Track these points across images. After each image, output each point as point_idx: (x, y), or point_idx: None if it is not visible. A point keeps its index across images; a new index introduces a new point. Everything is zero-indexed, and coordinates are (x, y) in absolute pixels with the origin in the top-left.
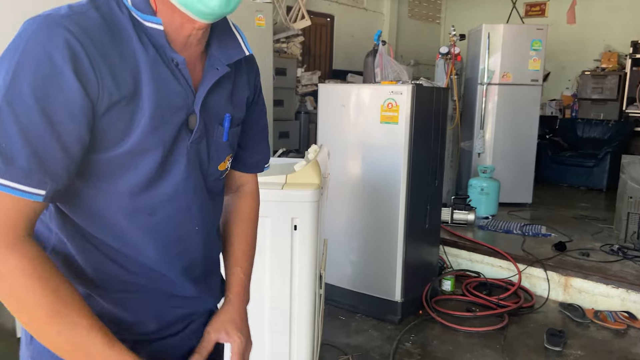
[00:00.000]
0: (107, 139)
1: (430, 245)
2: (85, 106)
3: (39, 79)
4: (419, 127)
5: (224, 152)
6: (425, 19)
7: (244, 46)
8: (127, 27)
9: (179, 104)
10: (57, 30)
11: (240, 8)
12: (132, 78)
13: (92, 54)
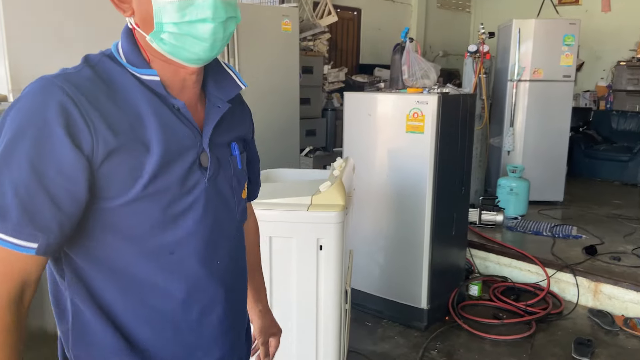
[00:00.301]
0: (113, 187)
1: (456, 251)
2: (78, 163)
3: (32, 140)
4: (445, 136)
5: (243, 179)
6: (455, 9)
7: (238, 81)
8: (126, 79)
9: (187, 145)
10: (50, 91)
11: (267, 13)
12: (134, 125)
13: (83, 107)
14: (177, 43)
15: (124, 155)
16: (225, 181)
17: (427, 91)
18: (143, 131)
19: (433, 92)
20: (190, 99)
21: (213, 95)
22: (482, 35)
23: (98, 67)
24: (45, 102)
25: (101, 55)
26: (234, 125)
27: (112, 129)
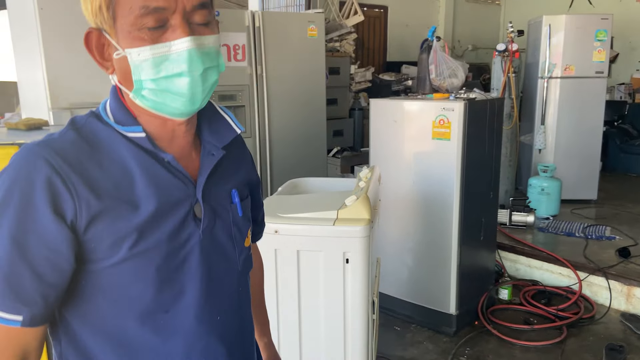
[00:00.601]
0: (101, 250)
1: (486, 254)
2: (61, 236)
3: (15, 214)
4: (472, 142)
5: (245, 227)
6: (484, 1)
7: (234, 125)
8: (112, 138)
9: (179, 198)
10: (33, 163)
11: (293, 19)
12: (120, 184)
13: (66, 174)
14: (158, 99)
15: (109, 217)
16: (223, 231)
17: (454, 96)
18: (131, 190)
19: (459, 97)
20: (182, 149)
21: (208, 142)
22: (510, 33)
23: (84, 129)
24: (28, 175)
25: (88, 116)
26: (233, 171)
27: (95, 192)
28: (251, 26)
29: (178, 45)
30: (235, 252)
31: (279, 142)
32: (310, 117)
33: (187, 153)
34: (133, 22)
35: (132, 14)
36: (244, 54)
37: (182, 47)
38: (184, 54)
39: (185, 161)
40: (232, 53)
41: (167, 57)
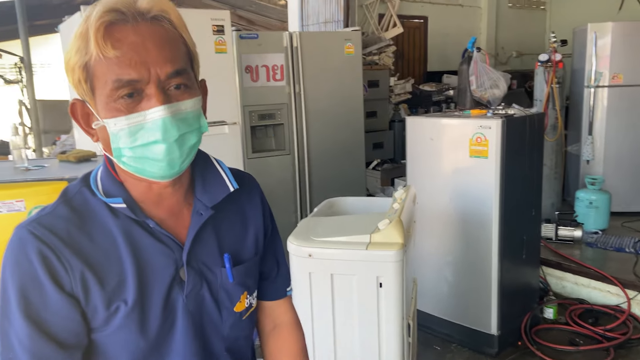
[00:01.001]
0: (97, 319)
1: (529, 272)
2: (66, 302)
3: (22, 292)
4: (511, 159)
5: (236, 292)
6: (528, 7)
7: (228, 182)
8: (100, 208)
9: (163, 262)
10: (27, 243)
11: (330, 38)
12: (109, 255)
13: (58, 249)
14: (137, 165)
15: (101, 289)
16: (209, 294)
17: (491, 113)
18: (118, 261)
19: (497, 114)
20: (170, 209)
21: (198, 201)
22: (553, 43)
23: (74, 200)
24: (25, 255)
25: (80, 186)
26: (228, 231)
27: (87, 264)
28: (289, 46)
29: (152, 114)
30: (221, 318)
31: (318, 157)
32: (349, 132)
33: (177, 213)
34: (109, 94)
35: (107, 87)
36: (282, 74)
37: (155, 115)
38: (158, 122)
39: (174, 221)
40: (270, 73)
41: (142, 126)
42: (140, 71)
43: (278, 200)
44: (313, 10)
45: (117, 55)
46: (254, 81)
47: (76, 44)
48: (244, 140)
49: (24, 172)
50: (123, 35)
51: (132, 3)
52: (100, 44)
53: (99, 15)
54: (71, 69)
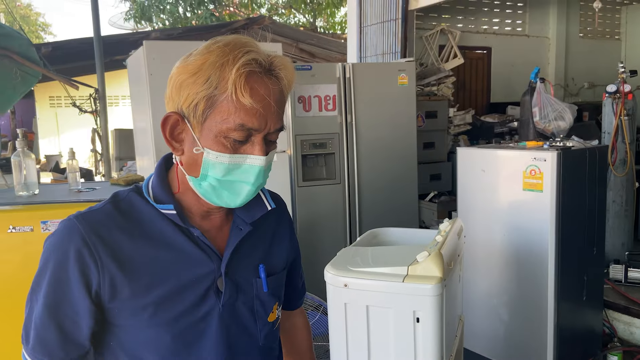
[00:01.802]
0: (123, 316)
1: (590, 315)
2: (85, 302)
3: (51, 281)
4: (569, 194)
5: (269, 302)
6: (601, 37)
7: (266, 202)
8: (149, 211)
9: (203, 272)
10: (69, 235)
11: (383, 69)
12: (147, 256)
13: (94, 245)
14: (213, 192)
15: (131, 289)
16: (245, 305)
17: (548, 145)
18: (154, 263)
19: (554, 146)
20: (214, 223)
21: (238, 217)
22: (622, 74)
23: (122, 203)
24: (62, 246)
25: (129, 191)
26: (263, 246)
27: (120, 264)
28: (342, 77)
29: (253, 160)
30: (257, 327)
31: (369, 188)
32: (402, 163)
33: (219, 226)
34: (224, 130)
35: (226, 124)
36: (334, 104)
37: (256, 162)
38: (255, 169)
39: (215, 234)
40: (322, 103)
41: (239, 166)
42: (261, 123)
43: (327, 229)
44: (371, 42)
45: (251, 105)
46: (307, 111)
47: (206, 73)
48: (295, 169)
49: (77, 194)
50: (258, 87)
51: (267, 57)
52: (239, 90)
53: (245, 62)
54: (190, 92)
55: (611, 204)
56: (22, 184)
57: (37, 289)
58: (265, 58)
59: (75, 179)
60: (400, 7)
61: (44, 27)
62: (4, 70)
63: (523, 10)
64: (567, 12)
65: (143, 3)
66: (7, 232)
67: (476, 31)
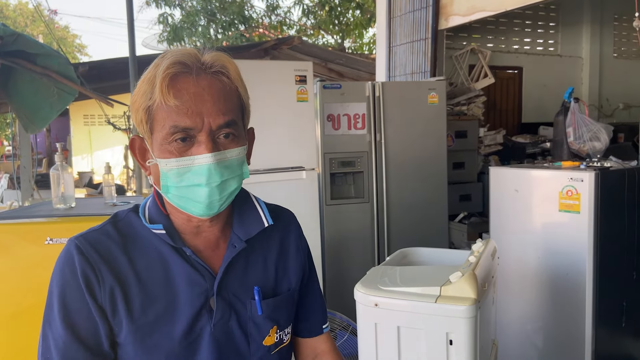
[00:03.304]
0: (121, 335)
1: (630, 343)
2: (97, 310)
3: (62, 299)
4: (608, 216)
5: (265, 326)
6: (636, 57)
7: (264, 217)
8: (145, 232)
9: (194, 290)
10: (71, 256)
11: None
12: (141, 275)
13: (95, 262)
14: (181, 202)
15: (126, 305)
16: (238, 327)
17: (585, 165)
18: (150, 283)
19: (591, 166)
20: (208, 241)
21: (234, 234)
22: None
23: (122, 223)
24: (69, 265)
25: (128, 211)
26: (260, 265)
27: (119, 280)
28: (371, 96)
29: (199, 159)
30: (249, 350)
31: (398, 207)
32: (431, 182)
33: (214, 244)
34: (165, 136)
35: (164, 130)
36: (363, 123)
37: (202, 161)
38: (204, 167)
39: (210, 253)
40: (352, 122)
41: (189, 169)
42: (195, 120)
43: (355, 248)
44: (400, 61)
45: (177, 104)
46: (336, 129)
47: (142, 88)
48: (324, 187)
49: (111, 207)
50: (185, 86)
51: (196, 57)
52: (164, 93)
53: (166, 66)
54: (135, 110)
55: None
56: (60, 196)
57: (50, 314)
58: (192, 59)
59: (111, 192)
60: (430, 27)
61: (80, 49)
62: (43, 88)
63: (555, 29)
64: (601, 31)
65: (175, 25)
66: (45, 244)
67: (507, 51)
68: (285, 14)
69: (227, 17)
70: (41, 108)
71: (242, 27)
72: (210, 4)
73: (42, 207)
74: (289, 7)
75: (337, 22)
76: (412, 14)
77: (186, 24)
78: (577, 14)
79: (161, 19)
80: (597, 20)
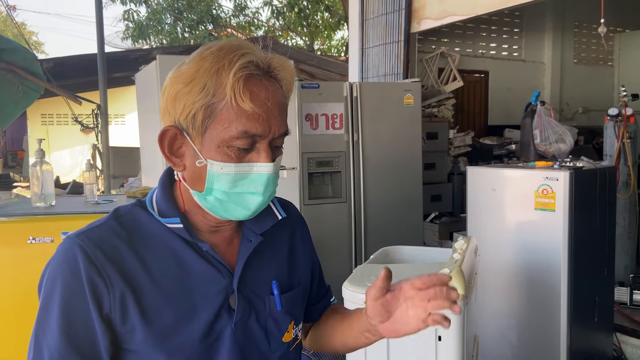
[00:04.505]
0: (135, 342)
1: (601, 338)
2: (99, 323)
3: (60, 305)
4: (581, 214)
5: (284, 321)
6: (595, 63)
7: (276, 211)
8: (154, 226)
9: (215, 289)
10: (71, 253)
11: (389, 89)
12: (153, 273)
13: (100, 263)
14: (220, 206)
15: (139, 308)
16: (257, 324)
17: (558, 165)
18: (164, 282)
19: (564, 166)
20: (224, 237)
21: (247, 228)
22: (623, 97)
23: (125, 217)
24: (69, 267)
25: (132, 206)
26: (276, 258)
27: (129, 282)
28: (349, 96)
29: (260, 168)
30: (270, 348)
31: (375, 206)
32: (407, 182)
33: (229, 240)
34: (227, 139)
35: (228, 133)
36: (341, 123)
37: (263, 170)
38: (264, 177)
39: (224, 248)
40: (330, 122)
41: (246, 176)
42: (265, 128)
43: (333, 247)
44: (373, 63)
45: (253, 109)
46: (314, 129)
47: (202, 81)
48: (301, 187)
49: (94, 206)
50: (258, 90)
51: (265, 59)
52: (239, 95)
53: (242, 65)
54: (186, 102)
55: (614, 224)
56: (39, 195)
57: (45, 321)
58: (262, 59)
59: (93, 190)
60: (403, 30)
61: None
62: (7, 84)
63: (519, 35)
64: (562, 38)
65: (141, 22)
66: (27, 243)
67: (474, 55)
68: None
69: (195, 15)
70: (5, 105)
71: (210, 26)
72: (177, 2)
73: (20, 206)
74: (258, 8)
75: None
76: (384, 16)
77: (152, 22)
78: (540, 20)
79: (126, 16)
80: (558, 27)
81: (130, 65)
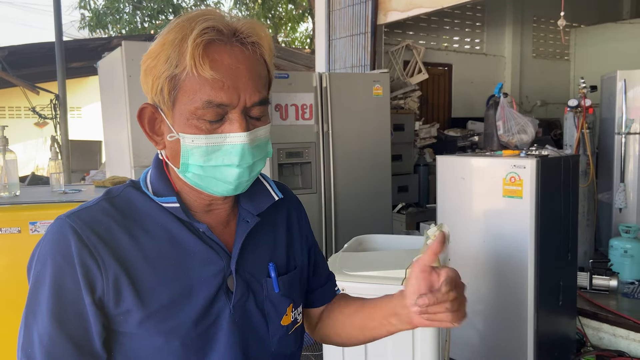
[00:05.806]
0: (129, 324)
1: (565, 321)
2: (91, 308)
3: (50, 290)
4: (547, 200)
5: (281, 304)
6: (552, 57)
7: (272, 192)
8: (149, 206)
9: (212, 270)
10: (62, 235)
11: (359, 80)
12: (148, 254)
13: (93, 245)
14: (202, 182)
15: (134, 291)
16: (255, 307)
17: (525, 153)
18: (159, 263)
19: (531, 154)
20: (219, 217)
21: (243, 209)
22: (583, 89)
23: (118, 198)
24: (59, 249)
25: (125, 187)
26: (272, 240)
27: (122, 264)
28: (319, 87)
29: (233, 138)
30: (268, 331)
31: (344, 197)
32: (376, 173)
33: (224, 221)
34: (193, 111)
35: (193, 104)
36: (311, 113)
37: (236, 140)
38: (238, 147)
39: (221, 229)
40: (299, 112)
41: (219, 148)
42: (231, 96)
43: None
44: (340, 54)
45: (214, 77)
46: (283, 119)
47: (166, 53)
48: (271, 178)
49: (61, 195)
50: (220, 56)
51: (231, 23)
52: (198, 62)
53: (199, 31)
54: (153, 77)
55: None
56: (3, 184)
57: (35, 304)
58: (226, 25)
59: (59, 180)
60: (369, 22)
61: None
62: None
63: (481, 29)
64: (522, 32)
65: (98, 11)
66: None
67: (438, 48)
68: (215, 5)
69: (155, 4)
70: None
71: (170, 15)
72: None
73: None
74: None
75: (270, 15)
76: (351, 7)
77: (110, 10)
78: (500, 15)
79: (82, 4)
80: (518, 21)
81: (88, 54)
